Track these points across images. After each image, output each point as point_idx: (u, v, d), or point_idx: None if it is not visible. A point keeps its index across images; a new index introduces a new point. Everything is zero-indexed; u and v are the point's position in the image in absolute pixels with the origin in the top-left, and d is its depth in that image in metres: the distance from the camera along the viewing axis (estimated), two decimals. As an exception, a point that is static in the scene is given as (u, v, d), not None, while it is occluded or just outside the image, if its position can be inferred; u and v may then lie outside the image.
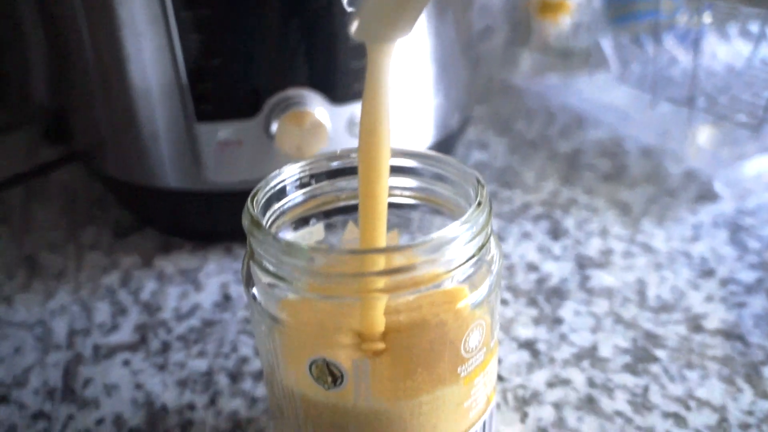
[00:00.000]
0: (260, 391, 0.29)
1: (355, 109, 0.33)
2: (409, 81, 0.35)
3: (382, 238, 0.19)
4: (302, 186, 0.22)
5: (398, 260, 0.17)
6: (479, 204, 0.18)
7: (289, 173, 0.22)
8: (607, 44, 0.48)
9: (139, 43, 0.31)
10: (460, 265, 0.18)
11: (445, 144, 0.39)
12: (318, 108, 0.32)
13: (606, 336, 0.31)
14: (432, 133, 0.38)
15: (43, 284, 0.37)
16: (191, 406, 0.28)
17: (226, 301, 0.35)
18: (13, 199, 0.46)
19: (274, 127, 0.32)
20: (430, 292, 0.18)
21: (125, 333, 0.33)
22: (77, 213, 0.44)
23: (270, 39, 0.31)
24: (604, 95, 0.50)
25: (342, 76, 0.32)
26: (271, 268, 0.18)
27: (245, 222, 0.19)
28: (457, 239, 0.17)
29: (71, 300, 0.36)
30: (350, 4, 0.18)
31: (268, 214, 0.21)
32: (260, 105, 0.32)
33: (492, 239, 0.20)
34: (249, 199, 0.20)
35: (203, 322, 0.33)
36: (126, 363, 0.31)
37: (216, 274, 0.37)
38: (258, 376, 0.30)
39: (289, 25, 0.31)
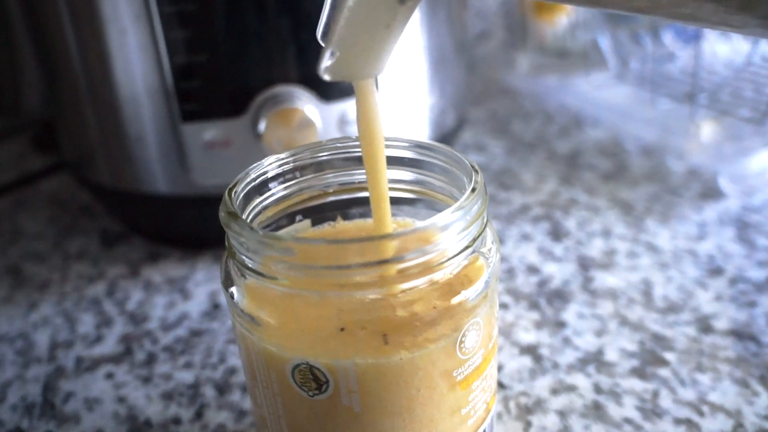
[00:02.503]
0: (248, 403, 0.28)
1: (345, 106, 0.32)
2: (404, 79, 0.34)
3: (389, 227, 0.18)
4: (286, 180, 0.20)
5: (387, 251, 0.16)
6: (473, 190, 0.17)
7: (270, 165, 0.20)
8: (604, 42, 0.47)
9: (123, 41, 0.30)
10: (453, 257, 0.17)
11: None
12: (307, 105, 0.31)
13: (612, 339, 0.30)
14: (427, 133, 0.37)
15: (27, 296, 0.36)
16: (176, 420, 0.27)
17: (214, 309, 0.33)
18: (1, 209, 0.44)
19: (262, 125, 0.30)
20: (434, 281, 0.17)
21: (109, 344, 0.32)
22: (65, 222, 0.42)
23: (257, 34, 0.30)
24: (603, 94, 0.49)
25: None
26: (249, 263, 0.17)
27: (222, 214, 0.18)
28: (449, 228, 0.16)
29: (55, 311, 0.34)
30: (323, 38, 0.17)
31: (248, 210, 0.19)
32: (247, 103, 0.31)
33: (488, 230, 0.19)
34: (227, 192, 0.18)
35: (190, 331, 0.32)
36: (109, 376, 0.30)
37: (205, 283, 0.35)
38: (246, 387, 0.28)
39: (277, 19, 0.30)
